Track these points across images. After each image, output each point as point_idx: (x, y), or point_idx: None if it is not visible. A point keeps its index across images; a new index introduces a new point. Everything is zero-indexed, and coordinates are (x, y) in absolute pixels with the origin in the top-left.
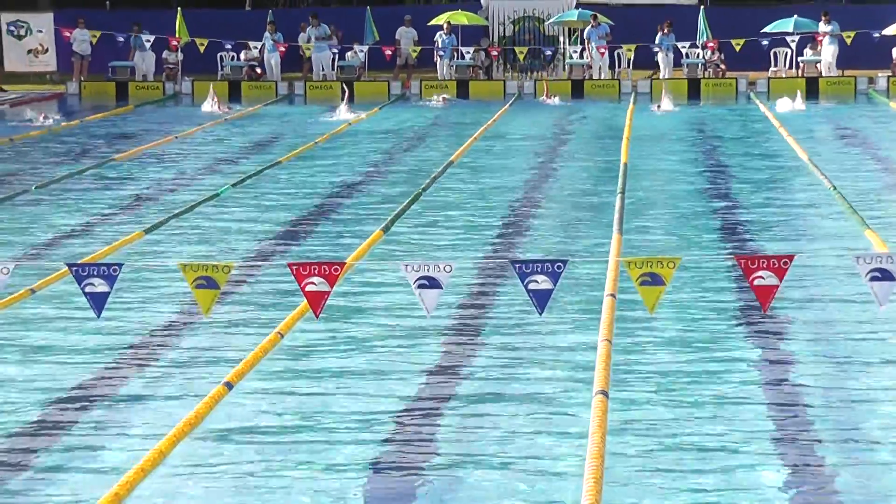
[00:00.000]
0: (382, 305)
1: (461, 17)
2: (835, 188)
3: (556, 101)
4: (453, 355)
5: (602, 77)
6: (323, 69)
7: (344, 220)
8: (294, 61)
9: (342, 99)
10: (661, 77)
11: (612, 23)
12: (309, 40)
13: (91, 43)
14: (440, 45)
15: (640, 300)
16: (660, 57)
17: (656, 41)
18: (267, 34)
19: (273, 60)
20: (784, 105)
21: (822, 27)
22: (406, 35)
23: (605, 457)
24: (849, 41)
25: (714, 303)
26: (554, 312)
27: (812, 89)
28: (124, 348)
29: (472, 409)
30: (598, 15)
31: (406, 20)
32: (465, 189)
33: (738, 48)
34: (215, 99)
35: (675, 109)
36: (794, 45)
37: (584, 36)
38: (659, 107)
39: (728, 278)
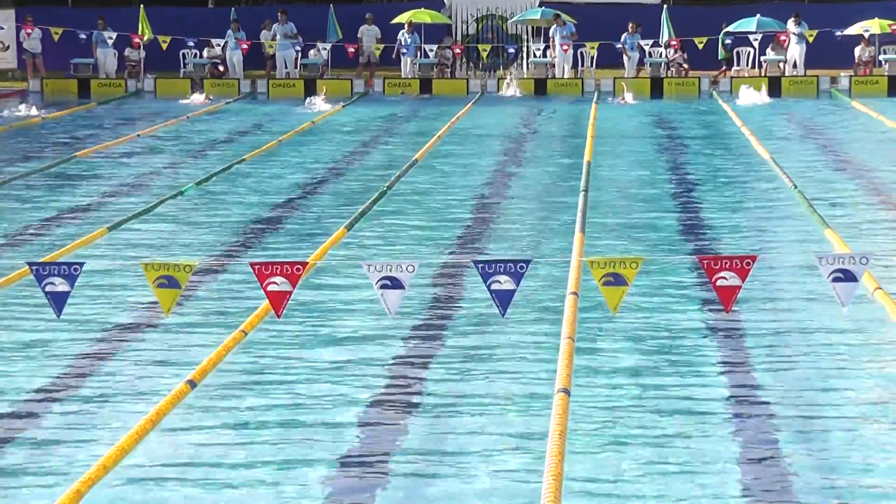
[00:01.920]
0: (345, 305)
1: (424, 16)
2: (796, 187)
3: (630, 99)
4: (415, 355)
5: (565, 76)
6: (286, 66)
7: (307, 218)
8: (256, 59)
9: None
10: (625, 76)
11: (575, 21)
12: (274, 37)
13: (42, 40)
14: (403, 44)
15: (602, 299)
16: (625, 56)
17: (622, 40)
18: (230, 32)
19: (235, 58)
20: (747, 97)
21: (792, 27)
22: (368, 33)
23: (566, 455)
24: (811, 39)
25: (676, 303)
26: (516, 311)
27: (775, 88)
28: (85, 347)
29: (434, 409)
30: (560, 14)
31: (367, 18)
32: (429, 188)
33: (700, 46)
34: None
35: (635, 102)
36: (756, 45)
37: (550, 34)
38: (623, 99)
39: (691, 279)
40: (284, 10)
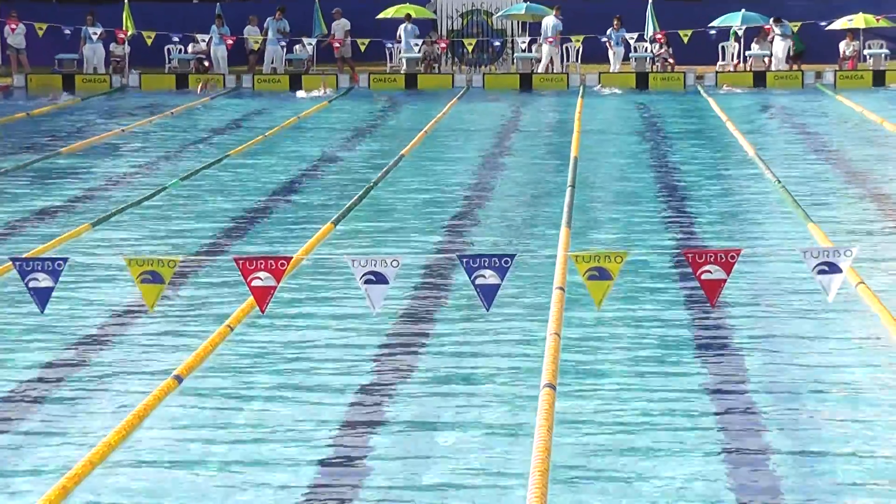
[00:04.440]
0: (330, 300)
1: (409, 11)
2: (779, 182)
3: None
4: (400, 350)
5: (553, 70)
6: (273, 62)
7: (294, 213)
8: (238, 54)
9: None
10: (610, 71)
11: (561, 17)
12: (266, 32)
13: (26, 36)
14: (400, 36)
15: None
16: (610, 51)
17: (607, 34)
18: (214, 27)
19: (220, 53)
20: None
21: (775, 29)
22: (337, 27)
23: (552, 449)
24: (795, 29)
25: (661, 297)
26: (502, 306)
27: (760, 83)
28: (68, 343)
29: (419, 403)
30: (560, 7)
31: (335, 13)
32: (415, 183)
33: (685, 39)
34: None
35: (618, 92)
36: (741, 39)
37: (545, 24)
38: (603, 87)
39: (675, 272)
40: (283, 8)
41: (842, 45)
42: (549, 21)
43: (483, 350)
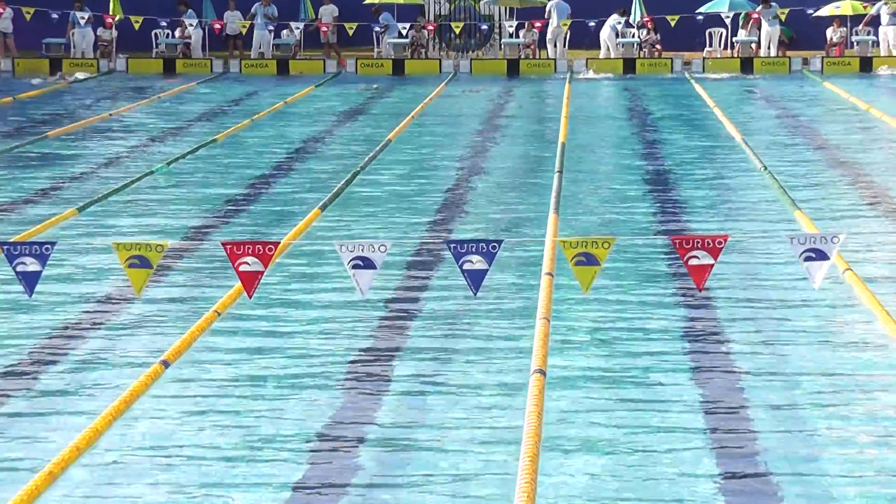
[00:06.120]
0: (319, 284)
1: None
2: (766, 169)
3: None
4: (388, 335)
5: (548, 55)
6: (261, 47)
7: (281, 198)
8: (218, 39)
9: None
10: (600, 57)
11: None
12: (253, 17)
13: (13, 20)
14: (381, 27)
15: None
16: (604, 36)
17: (613, 25)
18: (191, 11)
19: (194, 37)
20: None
21: (763, 9)
22: (326, 12)
23: (542, 435)
24: (783, 17)
25: (649, 282)
26: (490, 291)
27: (747, 69)
28: (56, 328)
29: (409, 388)
30: None
31: None
32: (403, 168)
33: (672, 23)
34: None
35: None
36: (728, 24)
37: (548, 9)
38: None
39: (663, 258)
40: None
41: (829, 32)
42: (556, 4)
43: (471, 335)
